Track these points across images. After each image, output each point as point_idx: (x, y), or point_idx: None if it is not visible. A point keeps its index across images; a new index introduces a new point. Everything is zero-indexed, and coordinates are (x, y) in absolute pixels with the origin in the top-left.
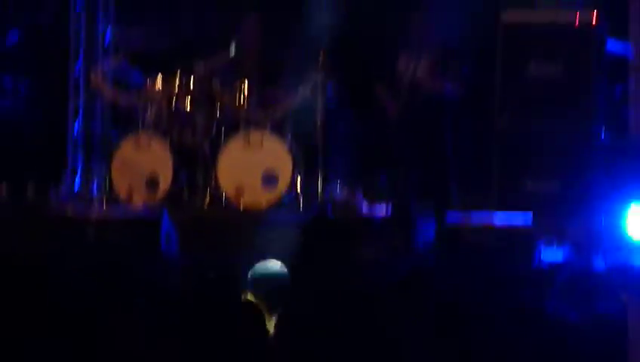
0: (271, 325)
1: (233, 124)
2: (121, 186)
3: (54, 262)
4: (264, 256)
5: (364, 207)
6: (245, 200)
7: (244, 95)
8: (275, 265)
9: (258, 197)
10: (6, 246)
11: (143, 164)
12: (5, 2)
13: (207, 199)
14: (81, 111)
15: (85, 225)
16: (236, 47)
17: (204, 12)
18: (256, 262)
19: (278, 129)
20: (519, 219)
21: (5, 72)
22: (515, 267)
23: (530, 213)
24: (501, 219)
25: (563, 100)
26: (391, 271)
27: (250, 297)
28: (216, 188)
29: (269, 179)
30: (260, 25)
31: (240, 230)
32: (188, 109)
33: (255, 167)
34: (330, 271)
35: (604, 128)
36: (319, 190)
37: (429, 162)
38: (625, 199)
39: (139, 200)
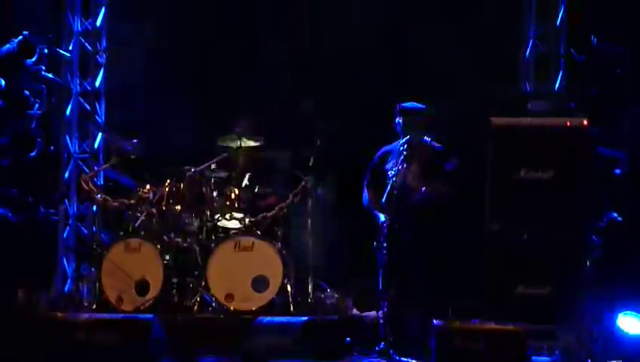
0: None
1: (223, 229)
2: (111, 290)
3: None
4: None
5: (355, 312)
6: (236, 304)
7: (234, 199)
8: None
9: (248, 300)
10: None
11: (133, 268)
12: None
13: (197, 303)
14: (71, 215)
15: (75, 328)
16: (228, 152)
17: (196, 118)
18: None
19: (269, 233)
20: (510, 323)
21: None
22: None
23: (521, 319)
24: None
25: (553, 205)
26: None
27: None
28: (207, 291)
29: (260, 283)
30: (252, 128)
31: (230, 333)
32: (178, 214)
33: (245, 270)
34: None
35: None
36: (310, 294)
37: (420, 268)
38: (616, 302)
39: (129, 304)
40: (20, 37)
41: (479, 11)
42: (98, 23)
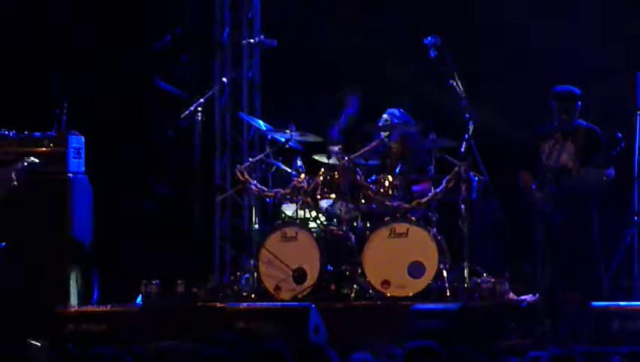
0: None
1: (379, 216)
2: (268, 279)
3: (205, 351)
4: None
5: (511, 296)
6: (392, 291)
7: (389, 186)
8: None
9: (404, 287)
10: (161, 337)
11: (290, 256)
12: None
13: (354, 290)
14: (227, 206)
15: (234, 318)
16: (381, 140)
17: (348, 106)
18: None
19: (424, 219)
20: None
21: (152, 173)
22: None
23: None
24: None
25: None
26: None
27: None
28: (363, 279)
29: (416, 269)
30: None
31: (388, 320)
32: (333, 202)
33: (401, 257)
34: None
35: None
36: (466, 279)
37: (576, 251)
38: None
39: (287, 293)
40: (172, 34)
41: None
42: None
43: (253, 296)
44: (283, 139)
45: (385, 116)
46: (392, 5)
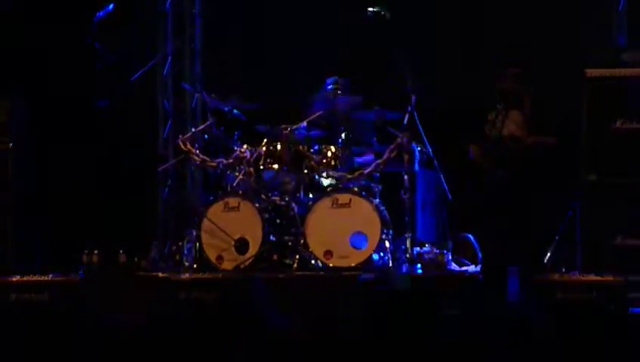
0: None
1: (321, 187)
2: (211, 249)
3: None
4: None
5: (453, 266)
6: (335, 261)
7: (332, 157)
8: None
9: (347, 257)
10: (102, 308)
11: (232, 227)
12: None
13: (297, 260)
14: (170, 176)
15: (176, 288)
16: (324, 111)
17: (292, 75)
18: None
19: (366, 190)
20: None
21: (94, 140)
22: (607, 321)
23: (620, 270)
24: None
25: None
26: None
27: None
28: (305, 249)
29: (358, 240)
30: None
31: (330, 291)
32: (275, 172)
33: (344, 228)
34: (420, 328)
35: None
36: (408, 250)
37: (518, 221)
38: None
39: (229, 263)
40: (115, 3)
41: None
42: None
43: (195, 266)
44: (226, 109)
45: (329, 84)
46: None
